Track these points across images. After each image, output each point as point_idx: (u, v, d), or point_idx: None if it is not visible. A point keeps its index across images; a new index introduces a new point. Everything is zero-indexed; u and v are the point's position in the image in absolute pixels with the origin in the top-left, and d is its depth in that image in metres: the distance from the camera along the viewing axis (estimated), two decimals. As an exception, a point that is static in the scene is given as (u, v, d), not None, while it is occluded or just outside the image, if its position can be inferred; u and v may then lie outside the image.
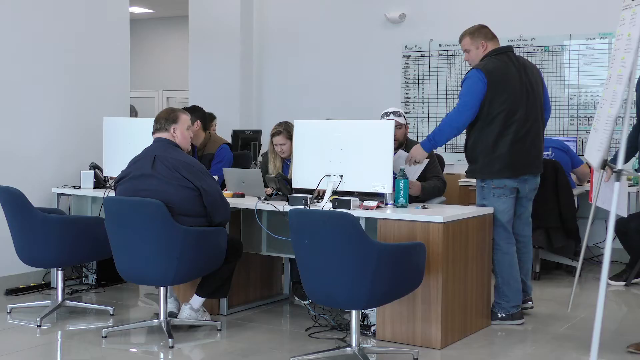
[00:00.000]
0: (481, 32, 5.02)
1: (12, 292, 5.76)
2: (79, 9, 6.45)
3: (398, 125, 5.37)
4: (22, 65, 6.03)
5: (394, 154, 5.39)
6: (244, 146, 7.62)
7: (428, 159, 5.20)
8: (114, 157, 5.76)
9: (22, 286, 5.86)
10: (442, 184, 5.43)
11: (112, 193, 4.93)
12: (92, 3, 6.58)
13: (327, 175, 4.74)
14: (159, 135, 4.68)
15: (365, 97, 8.30)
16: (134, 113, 9.85)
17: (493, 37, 5.03)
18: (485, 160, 4.88)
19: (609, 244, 3.58)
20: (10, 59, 5.95)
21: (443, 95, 8.05)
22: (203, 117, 6.15)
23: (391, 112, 5.47)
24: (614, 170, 3.70)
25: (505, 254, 4.94)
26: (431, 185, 5.34)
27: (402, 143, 5.47)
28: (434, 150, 5.52)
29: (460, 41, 5.09)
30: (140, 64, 11.44)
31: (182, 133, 4.69)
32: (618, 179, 3.63)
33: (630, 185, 6.46)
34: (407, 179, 4.73)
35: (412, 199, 5.12)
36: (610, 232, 3.60)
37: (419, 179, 5.34)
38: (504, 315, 4.94)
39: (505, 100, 4.82)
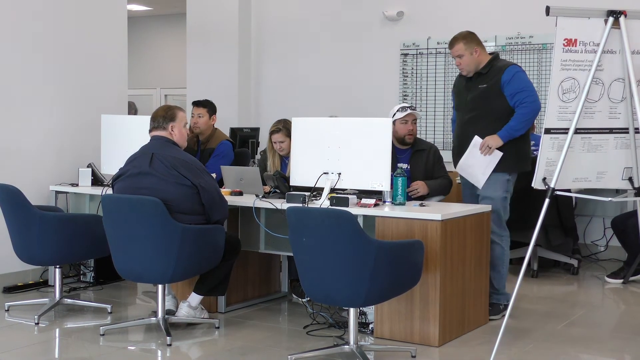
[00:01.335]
0: (473, 37, 5.08)
1: (10, 289, 5.76)
2: (77, 6, 6.44)
3: (414, 120, 5.40)
4: (20, 62, 6.02)
5: (403, 153, 5.41)
6: (242, 144, 7.62)
7: (502, 154, 4.99)
8: (111, 155, 5.76)
9: (20, 284, 5.86)
10: (449, 183, 5.46)
11: (109, 191, 4.92)
12: (91, 1, 6.57)
13: (325, 173, 4.74)
14: (156, 133, 4.67)
15: (363, 95, 8.29)
16: (133, 110, 9.86)
17: (481, 42, 5.13)
18: (518, 154, 5.01)
19: None
20: (7, 56, 5.93)
21: (441, 93, 8.04)
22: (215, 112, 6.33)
23: (408, 107, 5.46)
24: None
25: None
26: (438, 183, 5.36)
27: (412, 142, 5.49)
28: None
29: (451, 47, 5.09)
30: (138, 62, 11.41)
31: (180, 130, 4.69)
32: None
33: None
34: (406, 176, 4.72)
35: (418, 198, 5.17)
36: None
37: (425, 178, 5.35)
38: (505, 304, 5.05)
39: None
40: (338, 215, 3.90)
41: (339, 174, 4.71)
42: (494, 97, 4.97)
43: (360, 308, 4.56)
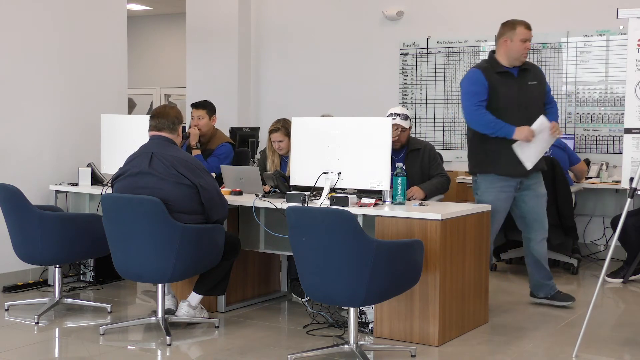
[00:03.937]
0: None
1: (10, 289, 5.76)
2: (77, 6, 6.43)
3: (403, 129, 5.36)
4: (20, 62, 6.02)
5: (398, 154, 5.41)
6: (242, 143, 7.62)
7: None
8: (111, 155, 5.77)
9: (19, 283, 5.86)
10: (446, 180, 5.46)
11: (109, 190, 4.93)
12: (91, 0, 6.56)
13: (324, 173, 4.74)
14: (161, 134, 4.64)
15: (363, 95, 8.30)
16: (132, 106, 9.85)
17: None
18: None
19: None
20: (7, 56, 5.93)
21: (441, 93, 8.05)
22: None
23: (397, 115, 5.40)
24: None
25: None
26: (434, 184, 5.35)
27: (404, 145, 5.46)
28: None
29: (530, 29, 5.30)
30: (138, 61, 11.41)
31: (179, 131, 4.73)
32: None
33: None
34: (405, 176, 4.72)
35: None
36: None
37: (421, 177, 5.35)
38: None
39: None
40: (338, 214, 3.90)
41: (339, 173, 4.71)
42: (542, 94, 5.29)
43: (360, 307, 4.56)
